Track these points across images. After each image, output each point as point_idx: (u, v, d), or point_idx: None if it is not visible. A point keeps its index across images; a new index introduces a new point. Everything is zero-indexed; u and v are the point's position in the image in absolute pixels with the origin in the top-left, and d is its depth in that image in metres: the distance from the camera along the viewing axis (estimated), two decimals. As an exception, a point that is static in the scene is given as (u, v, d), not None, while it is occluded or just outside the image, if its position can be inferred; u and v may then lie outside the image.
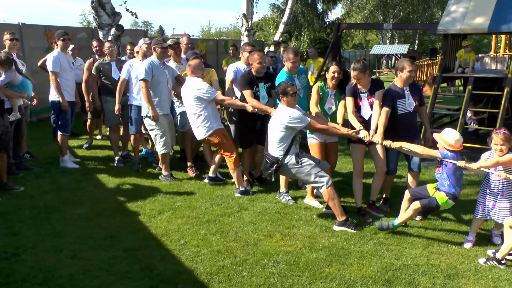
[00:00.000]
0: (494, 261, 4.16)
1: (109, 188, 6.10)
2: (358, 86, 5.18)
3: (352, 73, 5.14)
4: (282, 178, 5.66)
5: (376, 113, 5.05)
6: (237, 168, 5.84)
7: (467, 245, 4.53)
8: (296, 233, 4.70)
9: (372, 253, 4.27)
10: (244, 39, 12.21)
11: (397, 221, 4.71)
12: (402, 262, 4.11)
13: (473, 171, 4.39)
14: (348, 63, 29.80)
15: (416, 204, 4.58)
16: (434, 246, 4.49)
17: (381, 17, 36.64)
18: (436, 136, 4.59)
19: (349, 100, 5.19)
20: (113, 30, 9.50)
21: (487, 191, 4.47)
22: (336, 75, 5.30)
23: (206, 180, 6.31)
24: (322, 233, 4.72)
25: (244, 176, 6.16)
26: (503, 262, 4.14)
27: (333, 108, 5.47)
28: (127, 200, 5.57)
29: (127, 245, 4.34)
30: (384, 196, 5.59)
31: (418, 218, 5.12)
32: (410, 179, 5.27)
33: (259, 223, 4.92)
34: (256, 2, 12.42)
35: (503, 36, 15.32)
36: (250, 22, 12.29)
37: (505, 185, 4.36)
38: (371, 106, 5.13)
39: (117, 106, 6.81)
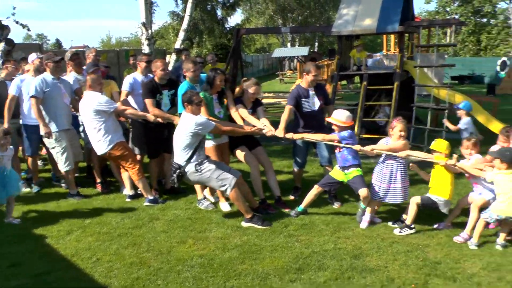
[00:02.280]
0: (406, 228, 4.69)
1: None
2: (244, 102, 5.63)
3: (253, 89, 5.54)
4: (197, 186, 5.66)
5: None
6: (141, 178, 5.78)
7: (363, 225, 4.90)
8: (209, 236, 4.76)
9: (283, 246, 4.45)
10: (145, 48, 12.00)
11: (302, 205, 5.23)
12: (311, 250, 4.34)
13: (368, 153, 4.90)
14: (251, 67, 30.40)
15: (315, 189, 5.12)
16: (340, 231, 4.79)
17: (280, 21, 37.80)
18: (329, 119, 5.10)
19: (243, 108, 5.56)
20: (2, 45, 8.93)
21: (382, 174, 4.88)
22: (223, 83, 5.57)
23: (127, 200, 5.99)
24: (234, 233, 4.82)
25: (153, 186, 6.10)
26: (412, 226, 4.68)
27: (222, 111, 5.67)
28: (33, 225, 5.25)
29: (35, 270, 4.12)
30: (296, 186, 6.03)
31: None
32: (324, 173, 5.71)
33: (171, 231, 4.92)
34: (154, 12, 12.26)
35: (392, 36, 16.54)
36: (150, 31, 12.10)
37: (399, 167, 4.80)
38: None
39: (5, 125, 6.06)
